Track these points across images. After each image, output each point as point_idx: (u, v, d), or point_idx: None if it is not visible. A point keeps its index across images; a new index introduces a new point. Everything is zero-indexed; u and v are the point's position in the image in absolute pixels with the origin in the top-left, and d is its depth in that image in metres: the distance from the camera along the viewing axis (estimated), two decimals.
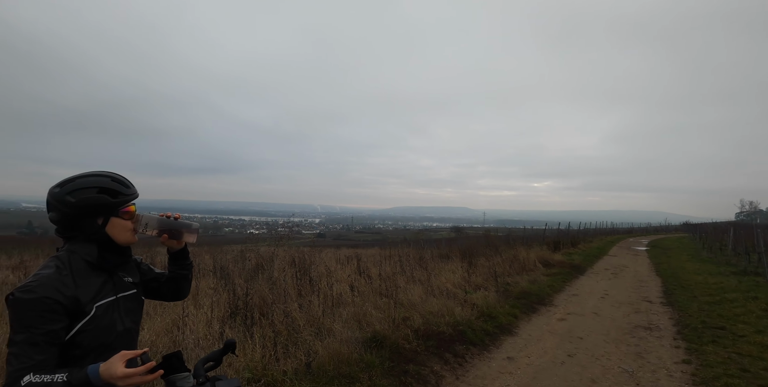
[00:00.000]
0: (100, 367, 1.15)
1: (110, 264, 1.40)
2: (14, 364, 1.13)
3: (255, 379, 3.26)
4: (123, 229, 1.41)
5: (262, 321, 4.55)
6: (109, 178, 1.39)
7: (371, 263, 9.70)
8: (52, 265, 1.28)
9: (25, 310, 1.16)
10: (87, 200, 1.32)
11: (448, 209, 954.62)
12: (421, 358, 4.34)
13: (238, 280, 6.78)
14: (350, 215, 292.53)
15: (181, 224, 1.51)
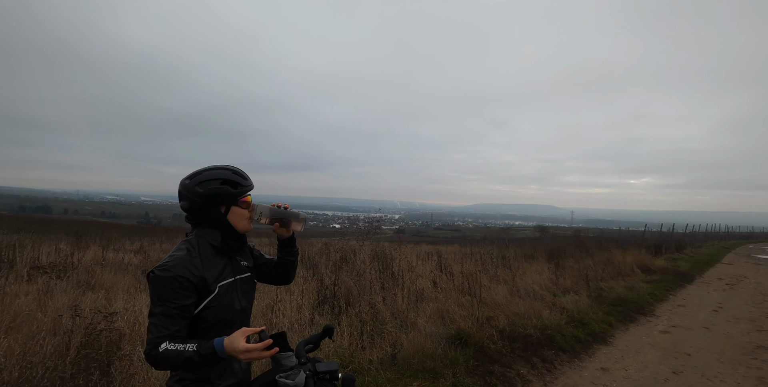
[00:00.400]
0: (224, 340, 1.29)
1: (230, 249, 1.55)
2: (153, 332, 1.30)
3: (343, 365, 3.43)
4: (241, 217, 1.55)
5: (349, 310, 4.75)
6: (230, 171, 1.54)
7: (452, 260, 9.63)
8: (184, 247, 1.47)
9: (162, 286, 1.35)
10: (212, 190, 1.48)
11: (531, 207, 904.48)
12: (506, 359, 4.23)
13: (324, 271, 7.16)
14: (429, 212, 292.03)
15: (290, 214, 1.64)
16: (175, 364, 1.29)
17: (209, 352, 1.27)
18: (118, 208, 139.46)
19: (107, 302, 4.99)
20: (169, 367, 1.31)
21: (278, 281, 1.83)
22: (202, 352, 1.27)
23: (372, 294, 5.27)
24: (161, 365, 1.30)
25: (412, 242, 17.87)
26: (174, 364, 1.28)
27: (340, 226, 16.10)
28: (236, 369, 1.54)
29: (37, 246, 8.79)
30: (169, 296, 1.34)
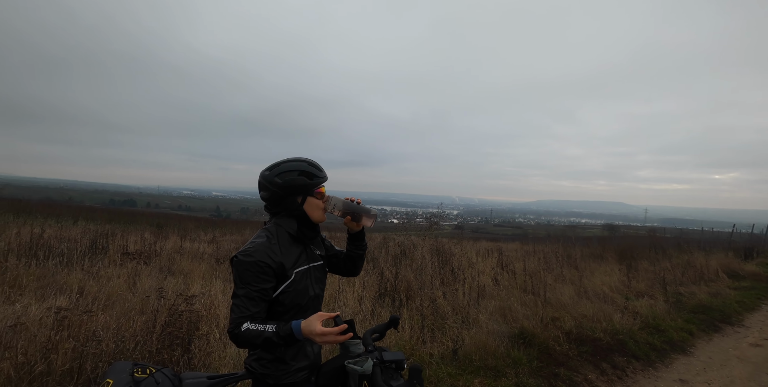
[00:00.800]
0: (301, 323, 1.36)
1: (306, 237, 1.62)
2: (236, 312, 1.39)
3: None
4: (316, 207, 1.62)
5: (409, 304, 4.78)
6: (306, 162, 1.61)
7: (513, 258, 9.34)
8: (264, 235, 1.56)
9: (244, 270, 1.44)
10: (290, 181, 1.55)
11: (599, 204, 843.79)
12: (573, 363, 4.04)
13: (384, 264, 7.25)
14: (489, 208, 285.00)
15: (361, 209, 1.68)
16: (255, 343, 1.36)
17: (287, 333, 1.34)
18: (192, 202, 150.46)
19: (185, 287, 5.41)
20: (249, 345, 1.39)
21: (346, 273, 1.88)
22: (281, 333, 1.35)
23: (432, 289, 5.26)
24: (242, 343, 1.38)
25: (471, 238, 17.55)
26: (254, 343, 1.36)
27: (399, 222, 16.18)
28: (309, 352, 1.61)
29: (125, 235, 9.74)
30: (250, 280, 1.43)
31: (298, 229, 1.60)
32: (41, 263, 5.86)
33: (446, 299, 4.76)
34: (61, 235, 8.10)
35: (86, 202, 45.36)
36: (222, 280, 6.08)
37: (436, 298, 4.73)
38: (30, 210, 16.32)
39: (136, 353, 2.96)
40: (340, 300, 5.30)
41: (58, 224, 11.24)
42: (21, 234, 7.56)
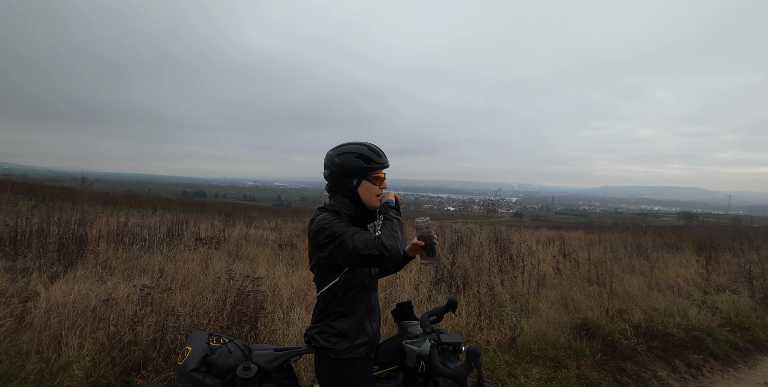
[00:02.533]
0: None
1: (362, 219, 1.67)
2: (360, 237, 1.46)
3: None
4: (370, 192, 1.64)
5: (466, 290, 4.75)
6: (367, 147, 1.65)
7: (577, 247, 8.93)
8: (324, 212, 1.60)
9: (331, 222, 1.52)
10: (346, 162, 1.61)
11: (674, 190, 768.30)
12: (641, 358, 3.81)
13: (440, 251, 7.24)
14: (550, 194, 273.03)
15: (433, 248, 1.70)
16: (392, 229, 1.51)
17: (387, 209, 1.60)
18: (256, 192, 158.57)
19: (252, 270, 5.76)
20: (395, 239, 1.49)
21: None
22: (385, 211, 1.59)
23: (490, 276, 5.18)
24: (394, 247, 1.46)
25: (530, 226, 16.98)
26: (392, 229, 1.51)
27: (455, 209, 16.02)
28: (368, 329, 1.64)
29: (197, 223, 10.51)
30: (344, 225, 1.53)
31: (355, 211, 1.65)
32: (127, 248, 6.48)
33: (504, 287, 4.67)
34: (143, 223, 8.91)
35: (163, 193, 49.37)
36: (284, 264, 6.38)
37: (493, 286, 4.66)
38: (116, 202, 18.10)
39: (209, 328, 3.22)
40: (396, 285, 5.39)
41: (139, 214, 12.36)
42: (109, 222, 8.42)
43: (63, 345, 3.11)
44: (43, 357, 3.05)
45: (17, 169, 30.40)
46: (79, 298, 3.91)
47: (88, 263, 5.71)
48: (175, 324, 3.05)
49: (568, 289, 4.87)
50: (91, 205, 14.13)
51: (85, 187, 9.10)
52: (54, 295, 4.16)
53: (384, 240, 1.45)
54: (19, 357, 3.03)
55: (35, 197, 16.42)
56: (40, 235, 6.56)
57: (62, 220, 6.76)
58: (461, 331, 3.61)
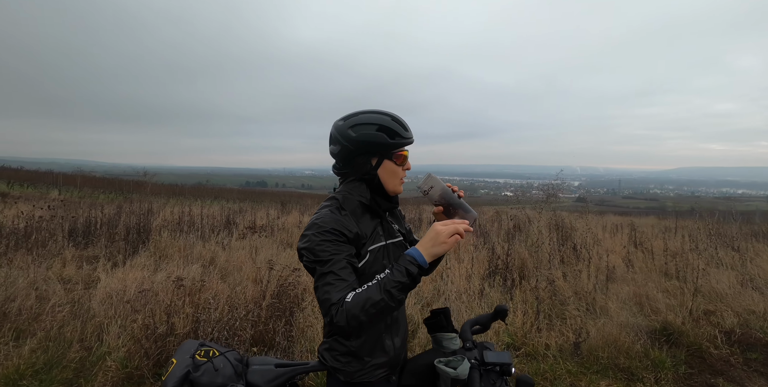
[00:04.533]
0: (416, 246, 1.12)
1: (380, 207, 1.32)
2: (333, 289, 1.09)
3: (515, 346, 3.08)
4: (393, 174, 1.31)
5: (523, 284, 4.31)
6: (390, 117, 1.29)
7: (650, 235, 8.04)
8: (328, 207, 1.28)
9: (320, 242, 1.16)
10: (366, 136, 1.25)
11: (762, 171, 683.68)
12: (736, 373, 3.18)
13: (496, 240, 6.78)
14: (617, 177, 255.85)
15: (461, 204, 1.30)
16: (374, 302, 1.05)
17: (407, 263, 1.09)
18: (313, 180, 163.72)
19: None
20: (366, 313, 1.05)
21: None
22: (399, 269, 1.08)
23: (550, 268, 4.68)
24: (356, 315, 1.05)
25: (595, 212, 15.77)
26: (374, 301, 1.05)
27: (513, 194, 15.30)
28: (388, 346, 1.33)
29: (254, 211, 10.78)
30: (332, 249, 1.15)
31: (372, 198, 1.31)
32: (185, 236, 6.69)
33: (567, 281, 4.17)
34: (204, 213, 9.27)
35: (227, 184, 52.35)
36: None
37: (554, 279, 4.18)
38: (184, 193, 19.25)
39: (245, 322, 3.09)
40: (447, 276, 5.06)
41: (203, 204, 12.95)
42: (174, 213, 8.85)
43: (105, 334, 3.15)
44: (85, 345, 3.10)
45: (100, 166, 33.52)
46: (126, 286, 3.99)
47: (148, 252, 5.95)
48: (206, 317, 2.94)
49: (642, 285, 4.25)
50: (162, 197, 15.09)
51: (147, 179, 9.67)
52: (110, 282, 4.31)
53: (350, 310, 1.05)
54: (63, 344, 3.11)
55: (114, 191, 17.85)
56: (109, 226, 6.99)
57: (131, 211, 7.17)
58: (516, 332, 3.20)
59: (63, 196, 13.85)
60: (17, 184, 17.86)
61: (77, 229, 6.74)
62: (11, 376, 2.78)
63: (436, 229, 1.11)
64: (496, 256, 5.26)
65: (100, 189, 18.62)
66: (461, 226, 1.12)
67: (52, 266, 5.18)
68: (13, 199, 11.50)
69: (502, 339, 3.13)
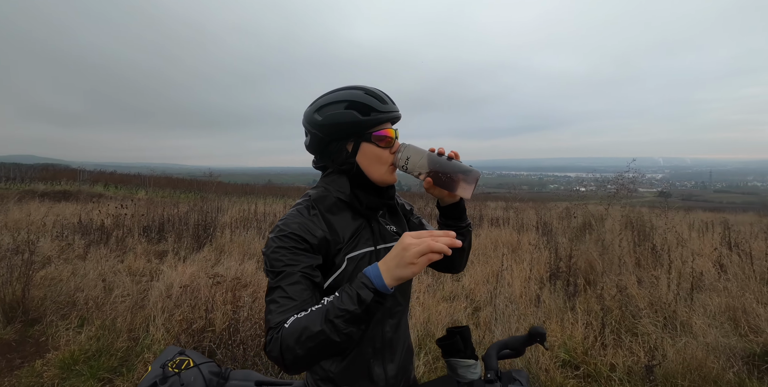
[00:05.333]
0: (378, 262, 0.84)
1: (363, 205, 1.07)
2: (274, 310, 0.88)
3: (572, 365, 2.67)
4: (376, 159, 1.05)
5: (588, 291, 3.84)
6: (362, 90, 1.04)
7: (747, 235, 6.94)
8: (297, 206, 1.06)
9: (276, 249, 0.95)
10: (333, 117, 1.02)
11: None
12: None
13: (561, 239, 6.22)
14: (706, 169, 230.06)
15: (455, 167, 1.04)
16: (311, 333, 0.81)
17: (361, 285, 0.81)
18: None
19: None
20: (302, 347, 0.82)
21: (440, 266, 1.26)
22: (350, 293, 0.81)
23: (622, 273, 4.13)
24: (291, 347, 0.82)
25: (680, 208, 14.18)
26: (311, 333, 0.81)
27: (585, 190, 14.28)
28: (377, 375, 1.07)
29: None
30: (285, 258, 0.94)
31: (352, 193, 1.06)
32: (246, 233, 6.96)
33: (642, 288, 3.63)
34: (268, 211, 9.64)
35: (295, 183, 54.85)
36: None
37: (626, 286, 3.65)
38: (253, 192, 20.36)
39: None
40: (503, 278, 4.69)
41: (271, 202, 13.53)
42: (240, 211, 9.32)
43: (152, 326, 3.25)
44: (132, 336, 3.23)
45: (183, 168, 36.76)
46: (180, 281, 4.14)
47: (210, 247, 6.24)
48: (237, 316, 2.91)
49: (737, 297, 3.56)
50: (234, 196, 16.06)
51: (212, 179, 10.33)
52: (169, 276, 4.52)
53: (285, 340, 0.82)
54: (114, 333, 3.26)
55: (191, 191, 19.34)
56: (180, 223, 7.48)
57: (202, 209, 7.62)
58: (575, 347, 2.78)
59: (148, 196, 15.26)
60: (112, 186, 20.09)
61: (151, 226, 7.28)
62: (66, 361, 2.96)
63: (404, 242, 0.81)
64: (558, 257, 4.79)
65: (180, 189, 20.34)
66: (442, 240, 0.80)
67: (125, 260, 5.59)
68: (106, 199, 12.76)
69: (557, 353, 2.75)
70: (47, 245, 5.98)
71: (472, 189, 1.03)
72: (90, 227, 7.03)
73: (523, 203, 15.38)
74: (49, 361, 3.00)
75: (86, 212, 7.79)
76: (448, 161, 1.05)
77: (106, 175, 24.29)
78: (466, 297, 4.28)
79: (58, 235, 6.71)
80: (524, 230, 8.10)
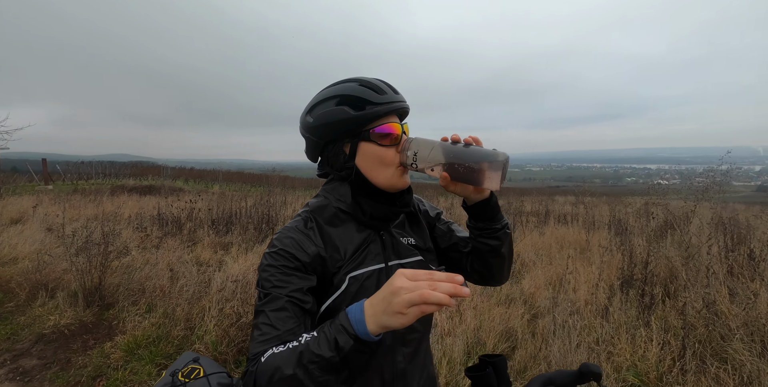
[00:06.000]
0: (364, 302, 0.68)
1: (367, 215, 0.92)
2: (256, 338, 0.79)
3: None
4: (378, 161, 0.89)
5: (666, 304, 3.39)
6: (356, 82, 0.89)
7: None
8: (298, 218, 0.94)
9: (265, 267, 0.85)
10: (324, 116, 0.88)
11: None
12: None
13: (637, 241, 5.63)
14: None
15: (475, 154, 0.83)
16: (282, 376, 0.69)
17: (340, 329, 0.67)
18: None
19: None
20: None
21: (476, 278, 1.06)
22: (329, 336, 0.68)
23: (710, 284, 3.60)
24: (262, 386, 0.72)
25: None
26: (283, 375, 0.69)
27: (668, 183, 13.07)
28: None
29: None
30: (274, 280, 0.82)
31: (354, 202, 0.92)
32: None
33: (735, 304, 3.12)
34: None
35: None
36: None
37: (715, 300, 3.16)
38: (318, 185, 21.19)
39: None
40: (568, 282, 4.32)
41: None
42: (303, 204, 9.70)
43: (206, 316, 3.38)
44: (189, 325, 3.39)
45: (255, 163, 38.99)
46: (235, 273, 4.28)
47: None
48: None
49: None
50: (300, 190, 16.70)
51: (276, 174, 10.74)
52: (231, 267, 4.71)
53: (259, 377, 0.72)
54: (174, 321, 3.43)
55: (261, 185, 20.41)
56: (247, 216, 7.86)
57: (267, 202, 7.95)
58: (647, 369, 2.42)
59: (221, 189, 16.30)
60: (191, 181, 21.77)
61: (219, 219, 7.71)
62: (130, 345, 3.19)
63: (394, 284, 0.63)
64: (633, 262, 4.30)
65: (250, 183, 21.52)
66: (442, 287, 0.60)
67: (194, 251, 5.94)
68: (184, 193, 13.79)
69: (624, 375, 2.42)
70: (128, 235, 6.55)
71: (499, 178, 0.82)
72: (167, 219, 7.60)
73: (595, 198, 14.31)
74: (116, 343, 3.24)
75: (166, 205, 8.43)
76: (464, 148, 0.85)
77: (186, 171, 26.33)
78: (525, 302, 3.99)
79: (137, 226, 7.31)
80: (595, 229, 7.48)
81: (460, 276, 0.62)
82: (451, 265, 1.08)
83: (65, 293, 4.10)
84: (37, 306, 3.99)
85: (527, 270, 5.12)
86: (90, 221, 6.84)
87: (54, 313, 3.79)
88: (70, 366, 3.02)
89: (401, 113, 0.93)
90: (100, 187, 15.13)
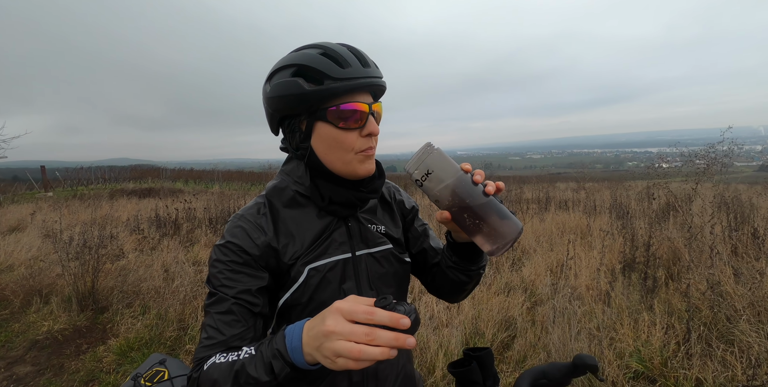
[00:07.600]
0: (304, 322, 0.58)
1: (325, 200, 0.81)
2: (202, 342, 0.72)
3: (646, 378, 2.26)
4: (335, 145, 0.77)
5: (670, 286, 3.31)
6: (318, 49, 0.77)
7: None
8: (258, 198, 0.85)
9: (213, 262, 0.77)
10: (278, 87, 0.76)
11: None
12: None
13: (639, 223, 5.55)
14: None
15: (495, 214, 0.68)
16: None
17: (276, 354, 0.58)
18: None
19: None
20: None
21: (433, 290, 0.99)
22: (264, 355, 0.59)
23: (714, 264, 3.51)
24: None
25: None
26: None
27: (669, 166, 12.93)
28: None
29: None
30: (224, 278, 0.74)
31: (313, 185, 0.82)
32: None
33: (739, 284, 3.04)
34: None
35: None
36: None
37: (720, 281, 3.07)
38: None
39: None
40: (570, 268, 4.24)
41: None
42: None
43: (199, 316, 3.32)
44: (182, 325, 3.32)
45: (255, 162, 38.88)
46: None
47: None
48: None
49: None
50: None
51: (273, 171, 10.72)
52: None
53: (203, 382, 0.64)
54: (167, 322, 3.37)
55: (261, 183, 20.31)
56: None
57: None
58: (651, 355, 2.34)
59: (221, 189, 16.26)
60: (191, 182, 21.71)
61: (217, 218, 7.64)
62: (123, 347, 3.13)
63: (326, 323, 0.51)
64: (635, 245, 4.22)
65: (250, 181, 21.47)
66: (381, 338, 0.49)
67: (191, 251, 5.88)
68: (183, 194, 13.73)
69: (627, 362, 2.33)
70: (125, 238, 6.49)
71: (505, 248, 0.68)
72: (164, 220, 7.54)
73: (596, 183, 14.20)
74: (109, 347, 3.19)
75: (163, 207, 8.38)
76: (485, 199, 0.69)
77: (185, 172, 26.26)
78: (525, 290, 3.91)
79: (134, 228, 7.25)
80: (596, 213, 7.39)
81: (406, 318, 0.50)
82: (412, 269, 1.00)
83: (59, 298, 4.06)
84: (31, 312, 3.94)
85: (528, 257, 5.04)
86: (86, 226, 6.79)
87: (48, 319, 3.74)
88: (63, 371, 2.97)
89: (375, 91, 0.81)
90: (99, 191, 15.08)
